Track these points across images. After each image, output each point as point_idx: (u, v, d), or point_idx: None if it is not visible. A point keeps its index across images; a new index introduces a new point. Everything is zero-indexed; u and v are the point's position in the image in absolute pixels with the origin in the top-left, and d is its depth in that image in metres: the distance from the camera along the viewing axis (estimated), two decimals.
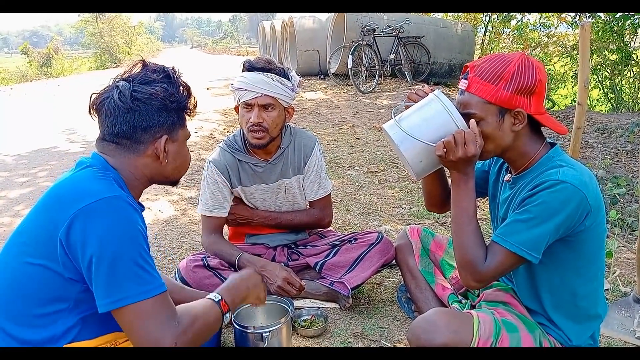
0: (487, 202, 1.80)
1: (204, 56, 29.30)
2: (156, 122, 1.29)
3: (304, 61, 10.77)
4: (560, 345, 1.55)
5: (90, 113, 1.32)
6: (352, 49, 8.34)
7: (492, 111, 1.43)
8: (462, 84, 1.47)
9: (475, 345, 1.43)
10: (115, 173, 1.27)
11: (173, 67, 1.36)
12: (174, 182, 1.46)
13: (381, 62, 9.05)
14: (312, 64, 10.82)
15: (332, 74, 9.53)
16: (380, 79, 9.14)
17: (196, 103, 1.41)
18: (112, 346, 1.19)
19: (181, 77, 1.37)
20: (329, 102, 7.96)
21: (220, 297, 1.33)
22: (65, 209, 1.14)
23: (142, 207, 1.34)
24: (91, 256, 1.11)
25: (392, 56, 9.30)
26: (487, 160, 1.76)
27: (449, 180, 1.61)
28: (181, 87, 1.35)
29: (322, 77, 10.74)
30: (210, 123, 6.67)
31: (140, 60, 1.35)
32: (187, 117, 1.39)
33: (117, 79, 1.31)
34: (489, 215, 1.77)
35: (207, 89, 10.32)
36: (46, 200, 1.22)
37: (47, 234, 1.15)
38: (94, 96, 1.30)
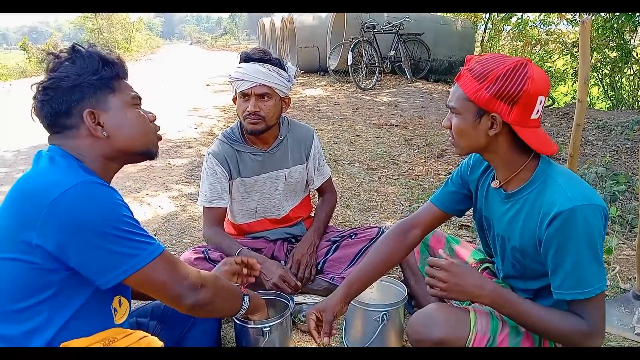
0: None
1: (203, 53, 29.24)
2: (72, 101, 1.24)
3: (303, 58, 10.76)
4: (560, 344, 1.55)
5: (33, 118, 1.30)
6: (352, 46, 8.33)
7: (470, 109, 1.39)
8: (458, 75, 1.45)
9: (472, 340, 1.43)
10: (74, 159, 1.24)
11: (77, 43, 1.31)
12: (146, 154, 1.37)
13: (381, 58, 9.04)
14: (312, 60, 10.81)
15: (332, 70, 9.51)
16: (380, 75, 9.14)
17: (120, 66, 1.32)
18: (110, 344, 1.18)
19: (91, 48, 1.30)
20: (329, 99, 7.96)
21: (239, 284, 1.46)
22: (33, 206, 1.11)
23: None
24: (76, 245, 1.10)
25: (392, 53, 9.30)
26: (462, 171, 1.72)
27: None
28: (89, 56, 1.27)
29: (321, 73, 10.73)
30: (210, 119, 6.66)
31: (48, 53, 1.30)
32: (119, 83, 1.31)
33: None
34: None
35: (207, 85, 10.31)
36: (12, 197, 1.18)
37: (19, 232, 1.12)
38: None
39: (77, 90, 1.25)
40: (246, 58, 2.11)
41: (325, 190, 2.44)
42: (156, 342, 1.24)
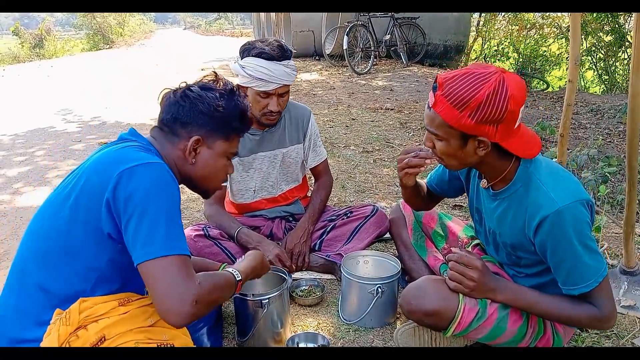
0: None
1: (197, 37, 29.00)
2: (195, 121, 1.38)
3: (299, 42, 10.72)
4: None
5: (158, 101, 1.46)
6: (348, 30, 8.31)
7: (455, 135, 1.38)
8: (431, 98, 1.40)
9: (462, 311, 1.50)
10: (156, 152, 1.37)
11: (239, 87, 1.48)
12: (202, 192, 1.53)
13: (376, 43, 9.03)
14: (307, 45, 10.77)
15: (328, 55, 9.50)
16: (375, 59, 9.13)
17: (248, 128, 1.50)
18: (126, 304, 1.26)
19: (243, 101, 1.46)
20: (324, 83, 7.96)
21: (240, 278, 1.42)
22: (111, 171, 1.22)
23: None
24: (133, 211, 1.19)
25: (388, 37, 9.27)
26: None
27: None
28: (236, 105, 1.42)
29: (317, 58, 10.71)
30: None
31: (213, 72, 1.48)
32: (234, 138, 1.46)
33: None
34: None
35: (202, 70, 10.28)
36: (92, 166, 1.28)
37: (93, 194, 1.22)
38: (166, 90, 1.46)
39: (205, 117, 1.39)
40: (269, 57, 2.04)
41: (320, 173, 2.46)
42: None
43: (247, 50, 2.09)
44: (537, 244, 1.45)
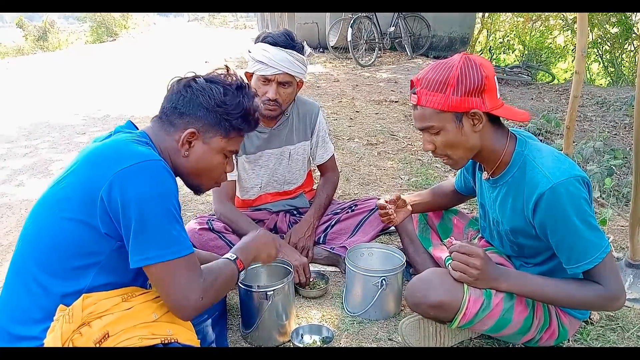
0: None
1: (201, 30, 28.91)
2: (193, 113, 1.34)
3: (302, 34, 10.65)
4: (553, 309, 1.62)
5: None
6: (352, 22, 8.26)
7: (449, 118, 1.45)
8: (413, 98, 1.48)
9: (467, 302, 1.49)
10: (151, 142, 1.33)
11: (248, 86, 1.41)
12: (195, 188, 1.47)
13: (381, 35, 8.98)
14: (311, 37, 10.70)
15: (332, 47, 9.44)
16: (380, 52, 9.08)
17: (252, 128, 1.43)
18: (129, 299, 1.25)
19: (250, 99, 1.39)
20: (328, 76, 7.93)
21: (235, 257, 1.42)
22: (106, 168, 1.19)
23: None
24: (129, 214, 1.16)
25: (392, 29, 9.22)
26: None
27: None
28: (239, 103, 1.36)
29: (321, 50, 10.65)
30: None
31: (225, 65, 1.43)
32: (235, 137, 1.40)
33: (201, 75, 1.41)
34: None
35: (206, 62, 10.25)
36: (86, 160, 1.25)
37: (87, 191, 1.19)
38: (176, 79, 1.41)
39: (204, 111, 1.34)
40: (273, 42, 2.04)
41: (327, 168, 2.44)
42: None
43: (258, 38, 2.12)
44: (537, 225, 1.47)
